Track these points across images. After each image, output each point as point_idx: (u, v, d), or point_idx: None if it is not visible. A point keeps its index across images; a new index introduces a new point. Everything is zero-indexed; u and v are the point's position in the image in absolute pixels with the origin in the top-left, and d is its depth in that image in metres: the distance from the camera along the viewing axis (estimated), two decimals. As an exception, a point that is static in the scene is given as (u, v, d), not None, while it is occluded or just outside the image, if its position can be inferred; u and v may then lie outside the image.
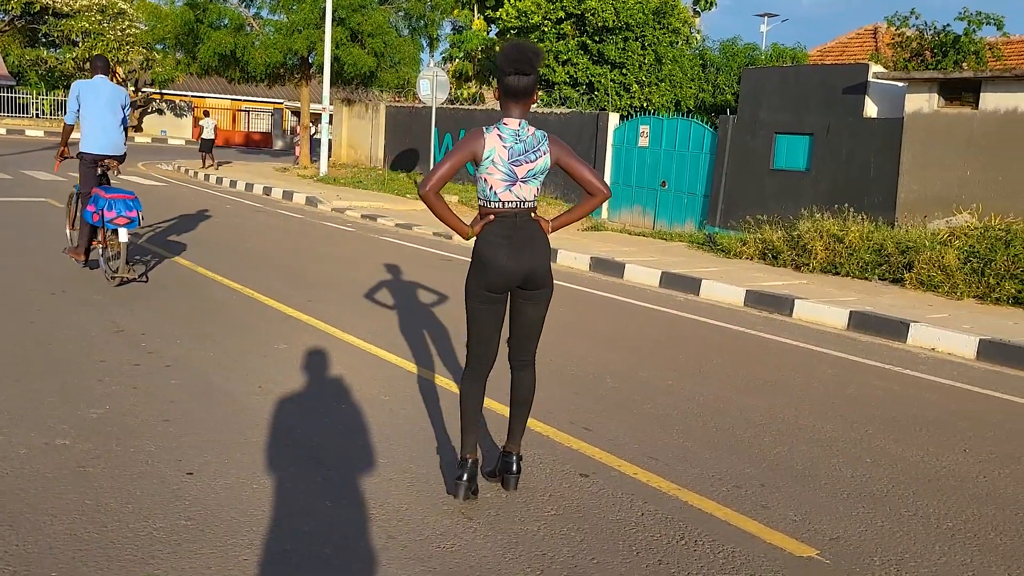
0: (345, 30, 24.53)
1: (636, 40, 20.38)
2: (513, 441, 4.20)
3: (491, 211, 3.91)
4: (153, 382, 5.47)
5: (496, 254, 3.88)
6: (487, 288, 3.94)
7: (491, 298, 3.97)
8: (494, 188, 3.88)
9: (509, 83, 3.86)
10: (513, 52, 3.85)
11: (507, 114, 3.92)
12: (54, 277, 8.46)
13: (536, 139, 3.94)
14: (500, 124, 3.90)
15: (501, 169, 3.86)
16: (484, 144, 3.84)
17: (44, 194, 15.95)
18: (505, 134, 3.87)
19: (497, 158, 3.84)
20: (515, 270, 3.91)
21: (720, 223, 15.43)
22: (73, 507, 3.69)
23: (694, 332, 8.35)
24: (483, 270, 3.91)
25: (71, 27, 39.61)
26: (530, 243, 3.93)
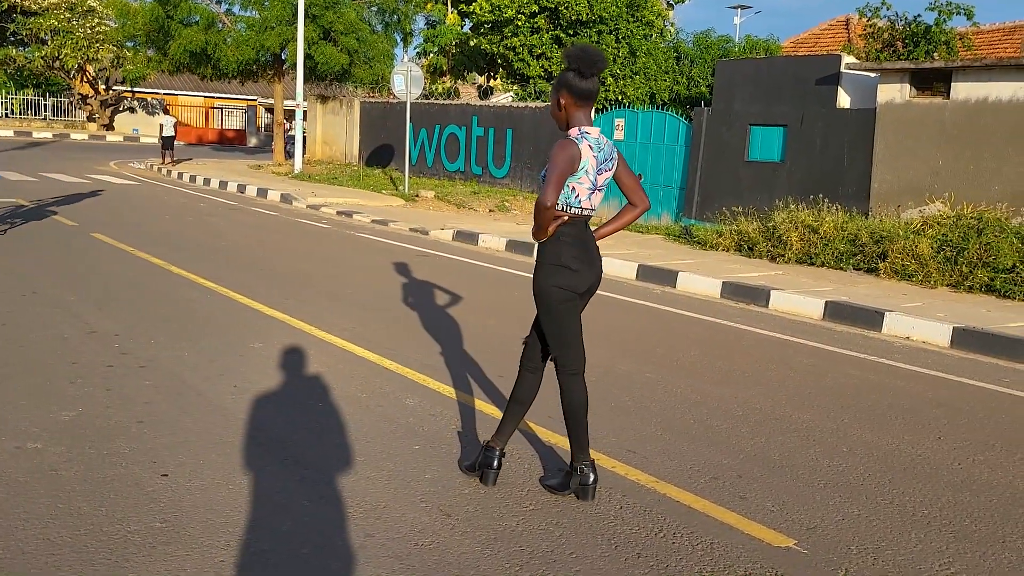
0: (318, 27, 24.38)
1: (610, 33, 20.39)
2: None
3: (568, 215, 3.88)
4: (127, 383, 5.41)
5: (576, 255, 3.92)
6: (572, 288, 3.94)
7: (573, 297, 3.97)
8: (580, 196, 3.86)
9: (580, 86, 3.81)
10: (584, 54, 3.80)
11: (577, 122, 3.87)
12: (25, 278, 8.36)
13: (610, 148, 3.96)
14: (585, 134, 3.84)
15: (590, 178, 3.85)
16: (580, 154, 3.80)
17: (13, 194, 15.77)
18: (592, 143, 3.85)
19: (590, 167, 3.83)
20: (589, 273, 3.98)
21: (696, 215, 15.48)
22: (46, 511, 3.65)
23: (671, 324, 8.37)
24: (565, 271, 3.90)
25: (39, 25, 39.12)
26: (596, 249, 4.03)
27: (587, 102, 3.86)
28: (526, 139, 19.34)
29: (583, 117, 3.88)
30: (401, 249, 12.24)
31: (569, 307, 3.98)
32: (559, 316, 3.98)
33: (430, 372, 6.03)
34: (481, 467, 4.19)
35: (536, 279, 3.97)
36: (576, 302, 4.00)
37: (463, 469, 4.28)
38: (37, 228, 11.91)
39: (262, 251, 11.28)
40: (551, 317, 3.99)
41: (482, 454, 4.22)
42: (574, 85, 3.82)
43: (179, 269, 9.31)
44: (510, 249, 12.69)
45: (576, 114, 3.87)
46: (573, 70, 3.82)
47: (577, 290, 3.96)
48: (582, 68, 3.79)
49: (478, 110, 21.00)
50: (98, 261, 9.63)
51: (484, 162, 20.59)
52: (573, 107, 3.86)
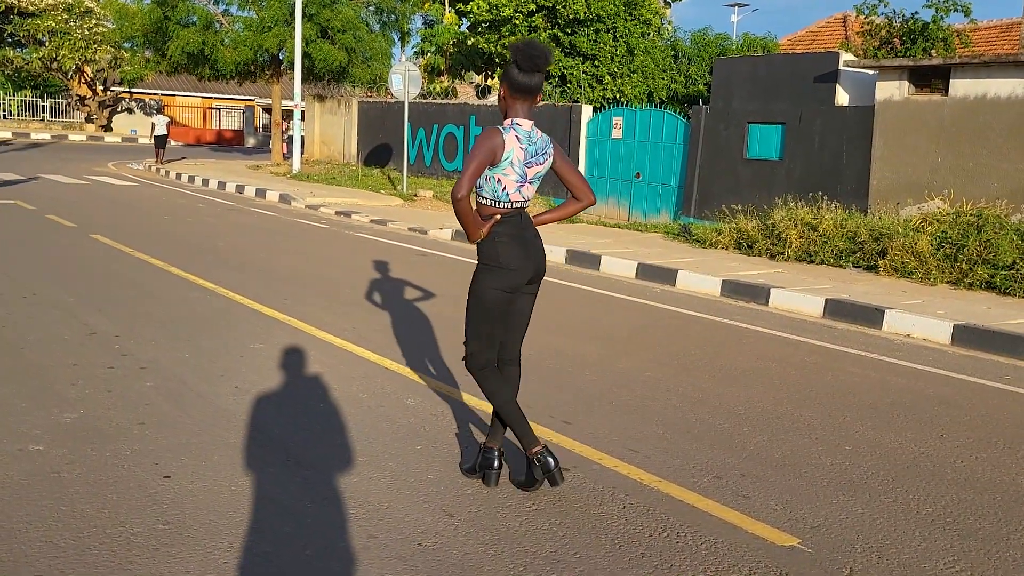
0: (315, 26, 24.36)
1: (608, 32, 20.37)
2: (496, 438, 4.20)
3: (497, 211, 3.90)
4: (128, 385, 5.40)
5: (514, 253, 3.91)
6: (506, 288, 3.94)
7: (509, 298, 3.99)
8: (507, 188, 3.86)
9: (524, 81, 3.82)
10: (530, 48, 3.80)
11: (515, 114, 3.89)
12: (25, 281, 8.35)
13: (544, 141, 3.96)
14: (515, 125, 3.86)
15: (516, 170, 3.85)
16: (504, 144, 3.80)
17: (13, 196, 15.75)
18: (521, 135, 3.85)
19: (515, 159, 3.82)
20: (529, 267, 3.96)
21: (695, 213, 15.48)
22: (48, 513, 3.64)
23: (671, 323, 8.37)
24: (502, 271, 3.91)
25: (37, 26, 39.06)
26: (535, 240, 4.00)
27: (526, 96, 3.86)
28: (524, 138, 19.32)
29: (521, 110, 3.88)
30: (400, 249, 12.23)
31: (502, 307, 3.99)
32: (488, 315, 4.00)
33: (431, 372, 6.02)
34: (482, 468, 4.18)
35: (474, 278, 4.00)
36: (513, 301, 4.02)
37: (464, 472, 4.28)
38: (36, 230, 11.89)
39: (261, 252, 11.27)
40: (480, 314, 4.01)
41: (481, 455, 4.22)
42: (514, 78, 3.83)
43: (178, 270, 9.30)
44: (509, 248, 12.67)
45: (514, 106, 3.88)
46: (514, 63, 3.82)
47: (517, 288, 3.98)
48: (521, 63, 3.79)
49: (476, 109, 20.99)
50: (97, 262, 9.62)
51: (482, 161, 20.56)
52: (511, 99, 3.87)
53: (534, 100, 3.90)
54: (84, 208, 14.68)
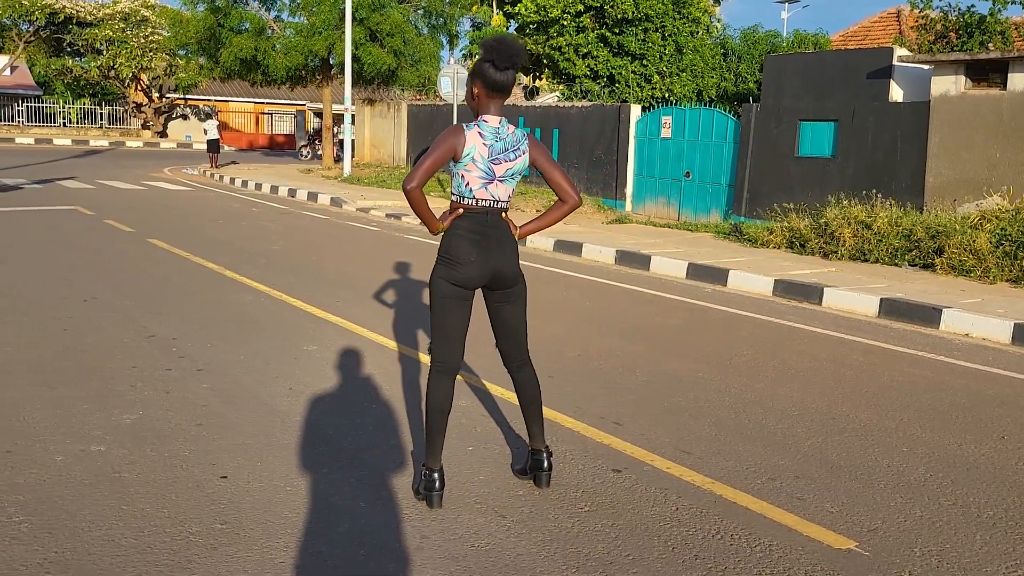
0: (364, 30, 24.59)
1: (656, 31, 20.27)
2: (536, 439, 4.16)
3: (462, 207, 3.85)
4: (185, 386, 5.50)
5: (465, 250, 3.82)
6: (454, 283, 3.86)
7: (458, 294, 3.88)
8: (470, 185, 3.81)
9: (494, 78, 3.76)
10: (500, 45, 3.74)
11: (485, 111, 3.82)
12: (84, 284, 8.54)
13: (516, 138, 3.86)
14: (480, 122, 3.81)
15: (480, 167, 3.78)
16: (464, 141, 3.74)
17: (73, 201, 16.12)
18: (486, 132, 3.79)
19: (477, 155, 3.75)
20: (482, 268, 3.85)
21: (746, 212, 15.33)
22: (110, 513, 3.72)
23: (723, 323, 8.30)
24: (451, 265, 3.84)
25: (95, 36, 40.01)
26: (499, 243, 3.88)
27: (500, 93, 3.81)
28: (573, 138, 19.31)
29: (493, 108, 3.81)
30: (450, 251, 12.27)
31: (452, 303, 3.89)
32: (440, 309, 3.91)
33: (481, 373, 6.05)
34: (532, 470, 4.16)
35: (432, 277, 3.93)
36: (465, 298, 3.90)
37: (515, 472, 4.28)
38: (95, 235, 12.16)
39: (313, 255, 11.40)
40: (433, 309, 3.94)
41: (530, 458, 4.17)
42: (488, 76, 3.76)
43: (233, 273, 9.45)
44: (558, 249, 12.68)
45: (488, 104, 3.81)
46: (488, 61, 3.75)
47: (467, 285, 3.86)
48: (497, 60, 3.73)
49: (524, 111, 21.01)
50: (154, 266, 9.81)
51: (531, 162, 20.57)
52: (485, 98, 3.80)
53: (505, 98, 3.85)
54: (141, 213, 14.97)
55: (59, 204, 15.72)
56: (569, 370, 6.26)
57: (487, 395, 5.60)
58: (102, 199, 16.94)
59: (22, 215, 13.90)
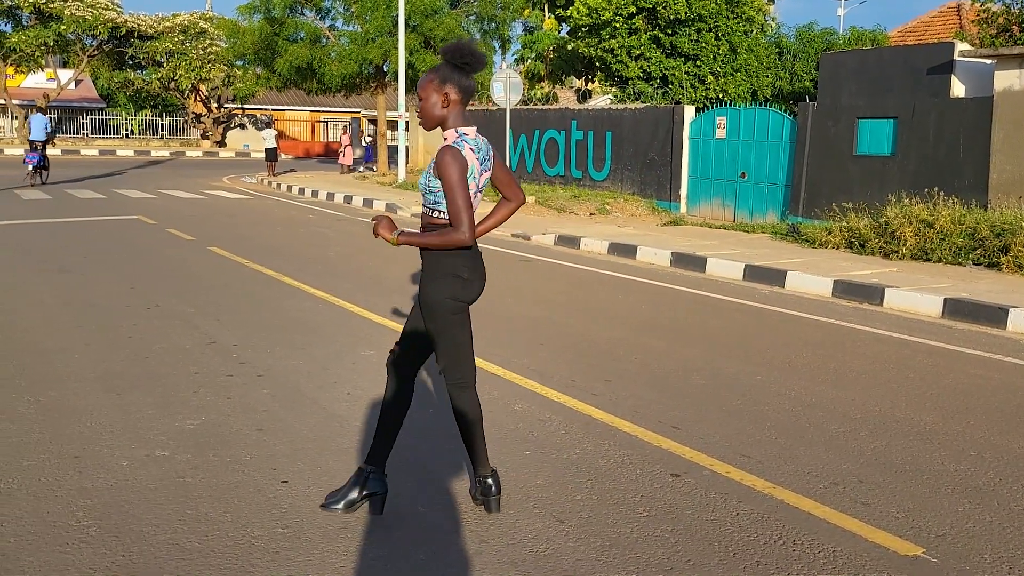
0: (418, 36, 24.78)
1: (710, 31, 20.09)
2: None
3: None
4: (246, 392, 5.59)
5: (471, 265, 3.72)
6: (464, 299, 3.72)
7: (464, 309, 3.76)
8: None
9: (468, 83, 3.63)
10: (474, 49, 3.60)
11: (458, 121, 3.66)
12: (148, 292, 8.72)
13: (487, 145, 3.74)
14: (464, 136, 3.62)
15: (475, 183, 3.65)
16: (468, 161, 3.58)
17: (136, 211, 16.48)
18: (472, 145, 3.62)
19: (475, 172, 3.62)
20: (481, 282, 3.79)
21: (803, 213, 15.11)
22: (175, 517, 3.79)
23: (781, 325, 8.19)
24: (461, 282, 3.68)
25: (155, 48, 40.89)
26: (481, 255, 3.82)
27: (468, 99, 3.68)
28: (626, 141, 19.23)
29: (461, 115, 3.66)
30: (504, 255, 12.31)
31: (462, 318, 3.74)
32: (453, 328, 3.72)
33: (537, 377, 6.04)
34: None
35: (426, 291, 3.70)
36: (468, 313, 3.78)
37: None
38: (157, 243, 12.41)
39: (370, 260, 11.50)
40: (445, 330, 3.72)
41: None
42: (463, 81, 3.62)
43: (291, 280, 9.57)
44: (612, 252, 12.63)
45: (456, 111, 3.65)
46: (459, 66, 3.60)
47: (468, 300, 3.74)
48: (473, 64, 3.60)
49: (577, 114, 20.98)
50: (215, 274, 9.98)
51: (584, 165, 20.55)
52: (458, 104, 3.65)
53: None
54: (201, 222, 15.25)
55: (122, 214, 16.08)
56: (626, 374, 6.23)
57: (542, 399, 5.59)
58: (163, 208, 17.28)
59: (87, 225, 14.24)
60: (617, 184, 19.57)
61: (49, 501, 3.91)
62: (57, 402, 5.28)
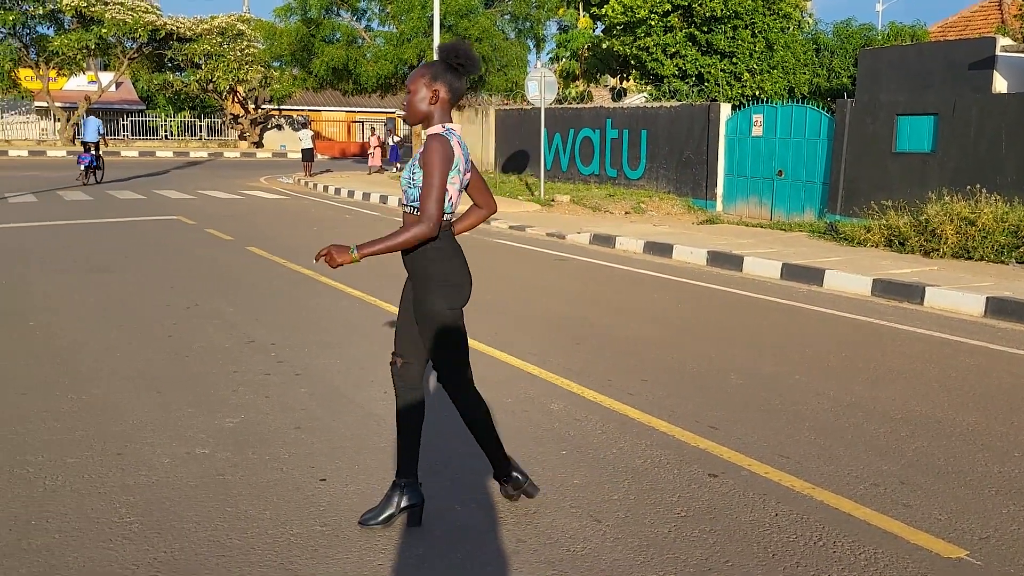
0: (453, 36, 24.83)
1: (746, 28, 19.94)
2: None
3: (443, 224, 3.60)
4: (284, 391, 5.63)
5: (462, 270, 3.68)
6: (461, 305, 3.69)
7: (461, 313, 3.72)
8: (452, 199, 3.58)
9: (458, 86, 3.59)
10: (469, 50, 3.57)
11: (446, 117, 3.61)
12: (187, 291, 8.82)
13: (466, 144, 3.69)
14: (451, 130, 3.57)
15: (461, 178, 3.60)
16: (455, 153, 3.52)
17: (175, 211, 16.67)
18: (459, 140, 3.59)
19: (461, 166, 3.57)
20: (471, 281, 3.74)
21: (841, 211, 14.95)
22: (215, 514, 3.83)
23: (819, 324, 8.11)
24: (455, 288, 3.64)
25: (194, 50, 41.35)
26: (462, 250, 3.76)
27: (457, 99, 3.65)
28: (661, 139, 19.14)
29: (447, 116, 3.61)
30: (539, 254, 12.30)
31: (459, 323, 3.69)
32: (452, 334, 3.66)
33: (573, 376, 6.03)
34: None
35: (424, 303, 3.62)
36: (462, 314, 3.73)
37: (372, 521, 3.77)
38: (196, 243, 12.55)
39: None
40: (445, 338, 3.66)
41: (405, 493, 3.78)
42: (456, 82, 3.58)
43: (328, 279, 9.63)
44: (648, 251, 12.58)
45: (446, 110, 3.60)
46: (453, 66, 3.56)
47: (463, 304, 3.69)
48: (467, 65, 3.55)
49: (612, 112, 20.92)
50: (253, 273, 10.07)
51: (619, 164, 20.49)
52: (446, 103, 3.59)
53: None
54: (240, 222, 15.40)
55: (162, 214, 16.28)
56: (662, 373, 6.20)
57: (579, 398, 5.58)
58: (202, 208, 17.48)
59: (128, 225, 14.44)
60: (652, 183, 19.49)
61: (93, 498, 3.97)
62: (99, 400, 5.36)
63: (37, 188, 21.06)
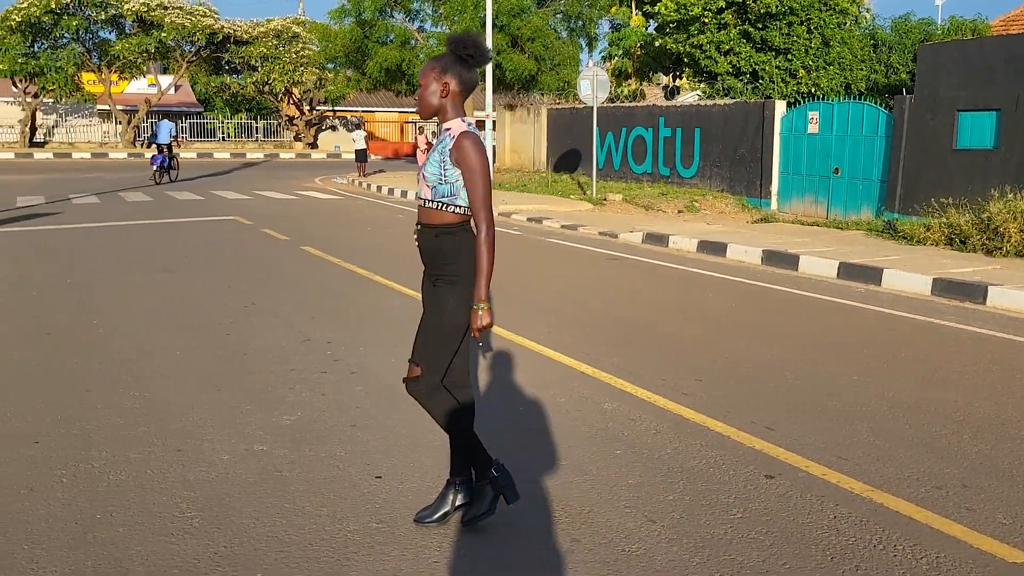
0: (505, 36, 24.90)
1: (801, 24, 19.66)
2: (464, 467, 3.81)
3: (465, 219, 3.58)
4: (340, 389, 5.69)
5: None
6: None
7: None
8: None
9: (469, 77, 3.54)
10: (480, 42, 3.53)
11: (459, 111, 3.56)
12: (245, 291, 8.96)
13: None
14: (472, 126, 3.53)
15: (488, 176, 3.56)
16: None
17: (232, 212, 16.93)
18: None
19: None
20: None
21: (900, 209, 14.69)
22: (273, 510, 3.89)
23: (878, 324, 7.97)
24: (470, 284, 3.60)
25: (250, 53, 41.99)
26: None
27: (469, 94, 3.59)
28: (715, 137, 18.97)
29: (460, 108, 3.56)
30: (591, 253, 12.28)
31: (468, 329, 3.63)
32: (456, 338, 3.63)
33: (626, 376, 6.01)
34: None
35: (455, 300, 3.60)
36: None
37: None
38: (253, 243, 12.74)
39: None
40: (455, 336, 3.62)
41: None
42: (468, 74, 3.53)
43: (382, 278, 9.71)
44: (701, 250, 12.48)
45: (457, 104, 3.55)
46: (463, 57, 3.50)
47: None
48: (477, 58, 3.49)
49: (664, 111, 20.79)
50: (308, 273, 10.19)
51: (672, 163, 20.36)
52: (457, 96, 3.54)
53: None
54: (295, 222, 15.59)
55: (219, 215, 16.55)
56: (717, 373, 6.15)
57: (632, 398, 5.55)
58: (258, 209, 17.73)
59: (187, 226, 14.71)
60: (706, 181, 19.33)
61: (155, 493, 4.05)
62: (160, 397, 5.47)
63: (100, 189, 21.55)
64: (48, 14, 37.57)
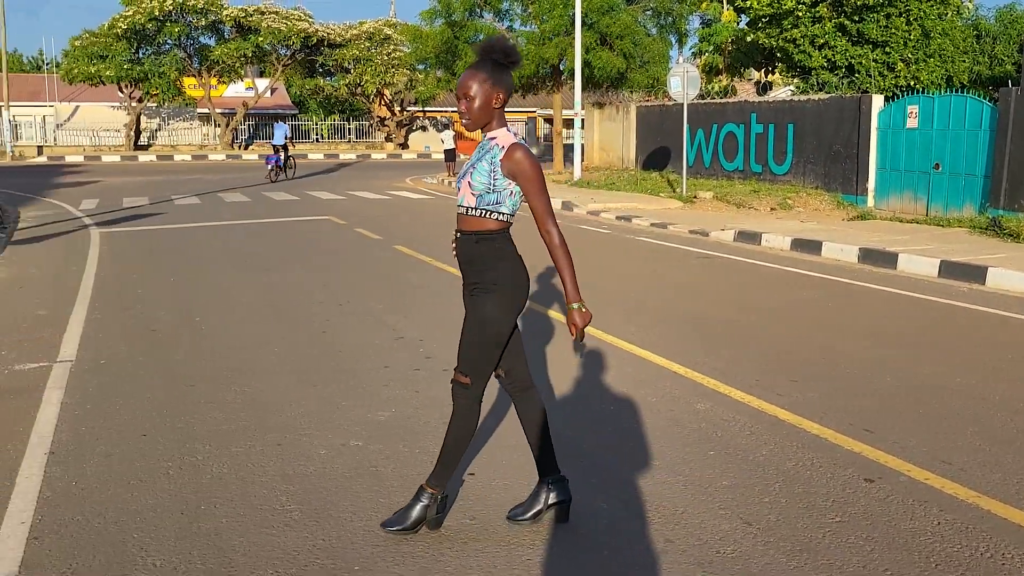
0: (594, 34, 24.80)
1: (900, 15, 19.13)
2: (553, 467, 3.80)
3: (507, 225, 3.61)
4: (432, 386, 5.76)
5: (522, 271, 3.67)
6: (518, 311, 3.64)
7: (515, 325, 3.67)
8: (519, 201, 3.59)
9: (510, 83, 3.50)
10: (510, 47, 3.48)
11: (503, 122, 3.56)
12: (339, 289, 9.14)
13: None
14: (517, 135, 3.54)
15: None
16: None
17: (326, 212, 17.29)
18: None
19: None
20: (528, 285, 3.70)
21: (1005, 205, 14.14)
22: (369, 505, 3.96)
23: (982, 325, 7.70)
24: (519, 294, 3.63)
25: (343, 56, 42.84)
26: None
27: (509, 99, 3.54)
28: (809, 133, 18.57)
29: (504, 116, 3.55)
30: (682, 252, 12.15)
31: (507, 338, 3.64)
32: (502, 341, 3.62)
33: (719, 376, 5.93)
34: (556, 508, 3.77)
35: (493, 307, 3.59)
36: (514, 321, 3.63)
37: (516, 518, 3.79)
38: (346, 242, 12.98)
39: (547, 258, 11.58)
40: (491, 343, 3.62)
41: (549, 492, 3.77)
42: (507, 80, 3.48)
43: (472, 277, 9.78)
44: (795, 248, 12.23)
45: (502, 112, 3.53)
46: (502, 64, 3.46)
47: (519, 313, 3.65)
48: (517, 61, 3.46)
49: (756, 106, 20.44)
50: (400, 271, 10.34)
51: (764, 159, 20.00)
52: (501, 104, 3.51)
53: None
54: (387, 221, 15.84)
55: (314, 215, 16.92)
56: (814, 374, 6.03)
57: (725, 399, 5.48)
58: (351, 209, 18.06)
59: (284, 225, 15.07)
60: (799, 178, 18.94)
61: (255, 485, 4.17)
62: (260, 393, 5.63)
63: (200, 191, 22.25)
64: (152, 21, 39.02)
